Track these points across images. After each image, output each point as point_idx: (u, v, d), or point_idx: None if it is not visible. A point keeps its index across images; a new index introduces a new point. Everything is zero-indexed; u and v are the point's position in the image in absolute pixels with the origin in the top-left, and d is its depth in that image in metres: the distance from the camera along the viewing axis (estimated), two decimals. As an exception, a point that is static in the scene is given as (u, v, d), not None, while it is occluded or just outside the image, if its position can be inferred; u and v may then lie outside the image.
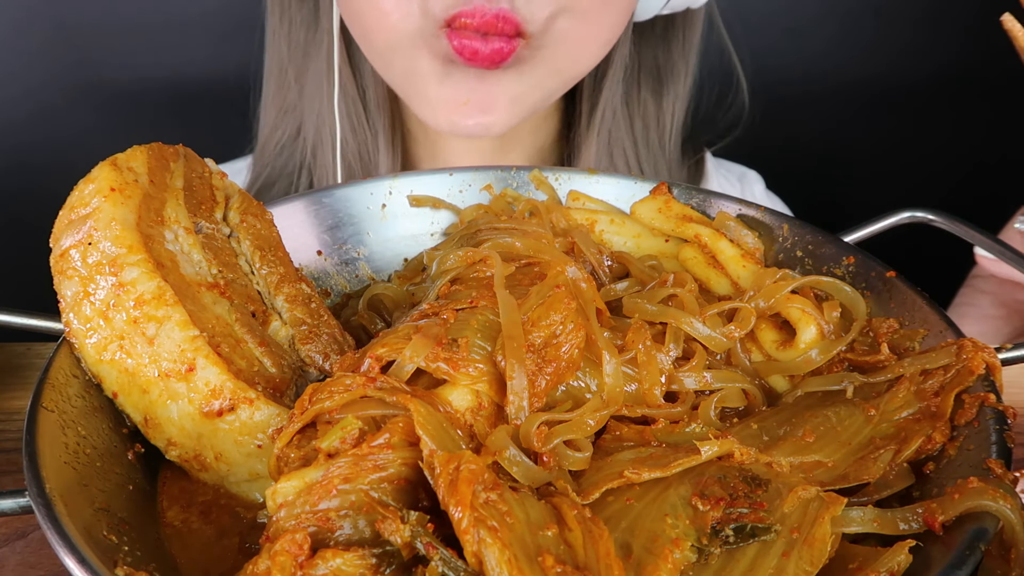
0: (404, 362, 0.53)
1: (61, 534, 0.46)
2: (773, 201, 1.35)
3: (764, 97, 1.50)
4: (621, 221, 0.81)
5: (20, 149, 1.57)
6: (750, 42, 1.55)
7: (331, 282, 0.81)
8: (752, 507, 0.49)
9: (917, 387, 0.58)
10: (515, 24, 0.88)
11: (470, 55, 0.89)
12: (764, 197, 1.34)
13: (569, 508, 0.47)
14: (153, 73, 1.54)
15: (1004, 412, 0.54)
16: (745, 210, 0.79)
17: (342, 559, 0.44)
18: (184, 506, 0.58)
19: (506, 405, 0.53)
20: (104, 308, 0.57)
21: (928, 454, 0.55)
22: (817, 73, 1.64)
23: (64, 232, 0.60)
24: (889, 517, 0.49)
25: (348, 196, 0.83)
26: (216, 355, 0.57)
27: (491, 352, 0.55)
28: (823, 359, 0.64)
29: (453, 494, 0.44)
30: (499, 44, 0.88)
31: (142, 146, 0.66)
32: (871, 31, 1.62)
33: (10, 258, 1.41)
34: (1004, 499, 0.47)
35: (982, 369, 0.56)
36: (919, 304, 0.66)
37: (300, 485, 0.47)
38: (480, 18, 0.87)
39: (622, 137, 1.17)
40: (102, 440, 0.57)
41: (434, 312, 0.57)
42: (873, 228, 0.78)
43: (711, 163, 1.34)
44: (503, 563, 0.42)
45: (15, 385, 0.80)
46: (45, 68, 1.55)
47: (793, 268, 0.74)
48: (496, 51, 0.88)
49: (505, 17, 0.87)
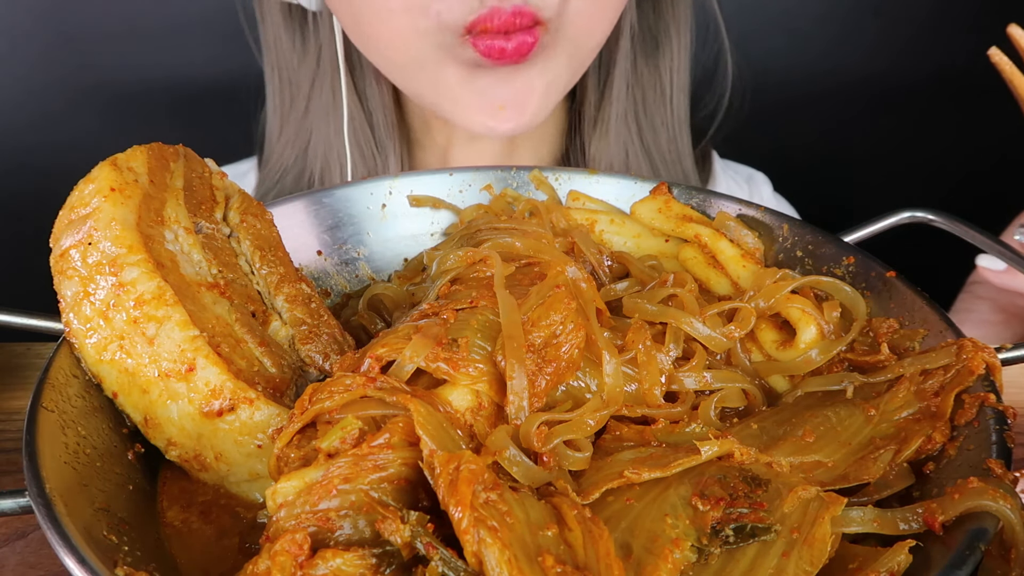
0: (404, 362, 0.53)
1: (61, 534, 0.46)
2: (781, 203, 1.34)
3: (765, 97, 1.50)
4: (621, 221, 0.81)
5: (21, 151, 1.57)
6: (751, 43, 1.55)
7: (331, 282, 0.81)
8: (752, 507, 0.49)
9: (917, 387, 0.58)
10: (532, 16, 0.88)
11: (498, 54, 0.89)
12: (772, 199, 1.34)
13: (569, 508, 0.47)
14: (154, 75, 1.54)
15: (1004, 412, 0.54)
16: (745, 210, 0.79)
17: (342, 559, 0.44)
18: (184, 506, 0.58)
19: (506, 405, 0.53)
20: (104, 308, 0.57)
21: (928, 454, 0.55)
22: (818, 73, 1.64)
23: (64, 232, 0.60)
24: (889, 517, 0.49)
25: (348, 196, 0.83)
26: (216, 355, 0.57)
27: (491, 352, 0.55)
28: (823, 359, 0.64)
29: (453, 494, 0.44)
30: (522, 38, 0.89)
31: (142, 146, 0.66)
32: (871, 31, 1.62)
33: (11, 258, 1.41)
34: (1004, 499, 0.47)
35: (982, 369, 0.56)
36: (919, 304, 0.66)
37: (300, 485, 0.47)
38: (498, 20, 0.87)
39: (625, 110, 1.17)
40: (102, 440, 0.57)
41: (434, 312, 0.57)
42: (873, 228, 0.78)
43: (718, 164, 1.33)
44: (503, 563, 0.42)
45: (15, 385, 0.80)
46: (47, 71, 1.55)
47: (793, 268, 0.74)
48: (521, 44, 0.89)
49: (521, 12, 0.87)
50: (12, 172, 1.58)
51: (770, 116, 1.58)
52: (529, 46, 0.89)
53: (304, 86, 1.17)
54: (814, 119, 1.64)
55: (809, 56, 1.64)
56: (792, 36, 1.63)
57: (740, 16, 1.60)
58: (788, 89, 1.63)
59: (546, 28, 0.91)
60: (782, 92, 1.61)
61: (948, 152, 1.63)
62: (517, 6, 0.87)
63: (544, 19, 0.90)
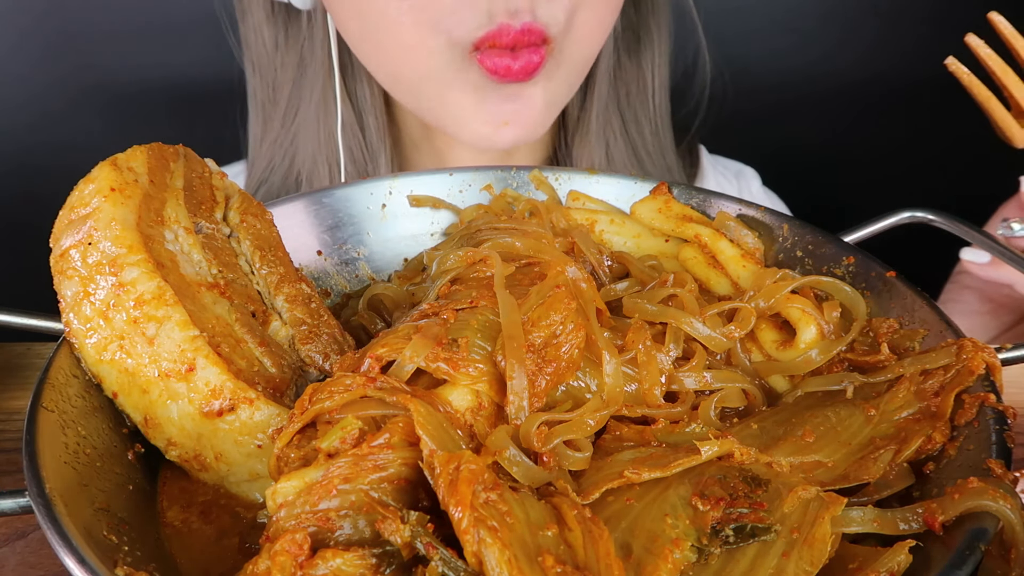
0: (404, 362, 0.53)
1: (61, 534, 0.46)
2: (771, 198, 1.34)
3: (764, 97, 1.50)
4: (621, 221, 0.81)
5: (21, 151, 1.57)
6: (751, 43, 1.55)
7: (331, 282, 0.81)
8: (752, 507, 0.49)
9: (917, 387, 0.58)
10: (540, 33, 0.89)
11: (504, 73, 0.89)
12: (761, 194, 1.34)
13: (569, 508, 0.47)
14: (154, 75, 1.54)
15: (1004, 412, 0.54)
16: (745, 210, 0.79)
17: (342, 559, 0.44)
18: (184, 506, 0.58)
19: (506, 405, 0.53)
20: (104, 308, 0.57)
21: (928, 454, 0.55)
22: (817, 73, 1.64)
23: (64, 232, 0.60)
24: (889, 517, 0.49)
25: (348, 196, 0.83)
26: (216, 355, 0.57)
27: (491, 352, 0.55)
28: (823, 359, 0.64)
29: (453, 494, 0.44)
30: (528, 57, 0.89)
31: (142, 146, 0.66)
32: (871, 31, 1.62)
33: (11, 259, 1.41)
34: (1004, 499, 0.47)
35: (982, 369, 0.56)
36: (919, 304, 0.66)
37: (300, 485, 0.47)
38: (507, 36, 0.87)
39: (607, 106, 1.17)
40: (102, 440, 0.57)
41: (434, 312, 0.57)
42: (873, 228, 0.78)
43: (707, 159, 1.33)
44: (503, 563, 0.42)
45: (15, 385, 0.80)
46: (47, 71, 1.55)
47: (793, 268, 0.74)
48: (527, 64, 0.90)
49: (531, 29, 0.88)
50: (13, 173, 1.58)
51: (770, 116, 1.58)
52: (535, 66, 0.90)
53: (286, 86, 1.16)
54: (814, 119, 1.64)
55: (809, 56, 1.64)
56: (792, 36, 1.63)
57: (740, 16, 1.60)
58: (788, 89, 1.63)
59: (551, 48, 0.91)
60: (782, 92, 1.61)
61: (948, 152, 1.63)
62: (527, 23, 0.88)
63: (551, 36, 0.90)
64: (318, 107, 1.13)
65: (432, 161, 1.20)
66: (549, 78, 0.94)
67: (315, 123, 1.14)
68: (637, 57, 1.18)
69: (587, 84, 1.15)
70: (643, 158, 1.20)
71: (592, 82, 1.15)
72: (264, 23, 1.15)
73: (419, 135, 1.19)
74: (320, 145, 1.14)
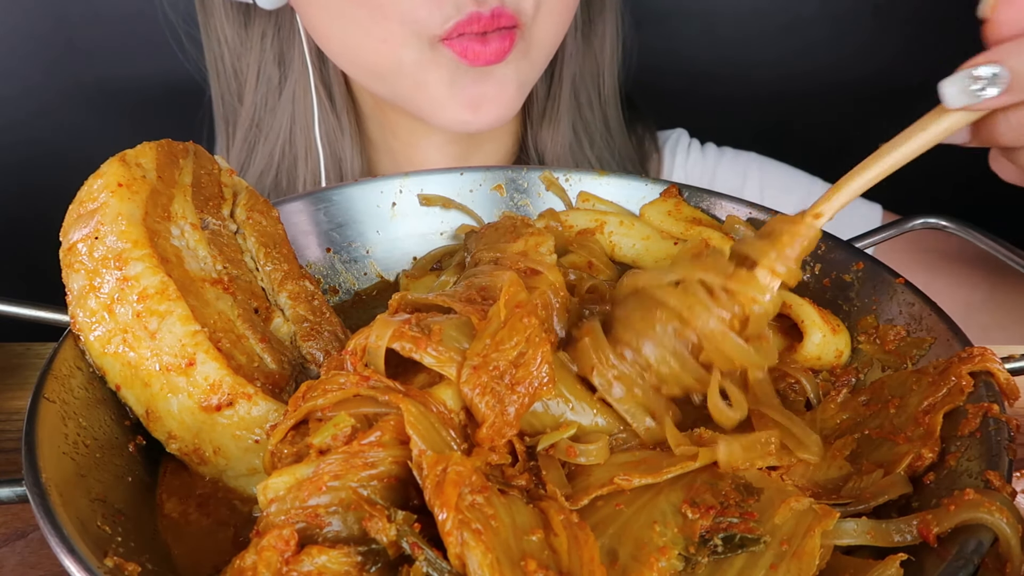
0: (371, 346, 0.52)
1: (52, 523, 0.46)
2: (706, 152, 1.28)
3: (764, 97, 1.49)
4: (630, 223, 0.81)
5: (21, 147, 1.58)
6: (750, 43, 1.53)
7: (340, 279, 0.81)
8: (742, 517, 0.49)
9: (901, 407, 0.58)
10: (511, 17, 0.90)
11: (474, 57, 0.90)
12: (697, 151, 1.28)
13: (556, 513, 0.47)
14: (153, 71, 1.54)
15: (1007, 423, 0.53)
16: (755, 213, 0.78)
17: (327, 556, 0.44)
18: (182, 498, 0.58)
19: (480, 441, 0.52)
20: (109, 302, 0.58)
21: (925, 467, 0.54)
22: (817, 73, 1.62)
23: (73, 226, 0.61)
24: (883, 529, 0.49)
25: (358, 194, 0.83)
26: (216, 350, 0.57)
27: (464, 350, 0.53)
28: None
29: (439, 495, 0.44)
30: (497, 43, 0.90)
31: (152, 142, 0.67)
32: (871, 31, 1.60)
33: (11, 254, 1.43)
34: (1000, 512, 0.46)
35: (971, 388, 0.55)
36: (927, 312, 0.65)
37: (291, 481, 0.48)
38: (478, 24, 0.88)
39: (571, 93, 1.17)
40: (103, 432, 0.58)
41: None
42: (886, 234, 0.77)
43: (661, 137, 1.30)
44: (485, 566, 0.42)
45: (15, 385, 0.80)
46: (45, 66, 1.55)
47: (802, 272, 0.73)
48: (498, 50, 0.90)
49: (501, 13, 0.88)
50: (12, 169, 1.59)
51: (769, 116, 1.57)
52: (505, 50, 0.90)
53: (251, 80, 1.15)
54: (813, 119, 1.62)
55: (808, 56, 1.62)
56: (791, 36, 1.61)
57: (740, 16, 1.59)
58: (788, 89, 1.61)
59: (521, 32, 0.92)
60: (781, 92, 1.59)
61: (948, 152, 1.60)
62: (496, 8, 0.88)
63: (522, 22, 0.91)
64: (286, 102, 1.13)
65: (388, 158, 1.19)
66: (518, 60, 0.95)
67: (288, 117, 1.14)
68: (589, 39, 1.18)
69: (552, 67, 1.15)
70: (596, 139, 1.19)
71: (559, 64, 1.15)
72: (227, 24, 1.14)
73: (378, 136, 1.19)
74: (292, 139, 1.14)
